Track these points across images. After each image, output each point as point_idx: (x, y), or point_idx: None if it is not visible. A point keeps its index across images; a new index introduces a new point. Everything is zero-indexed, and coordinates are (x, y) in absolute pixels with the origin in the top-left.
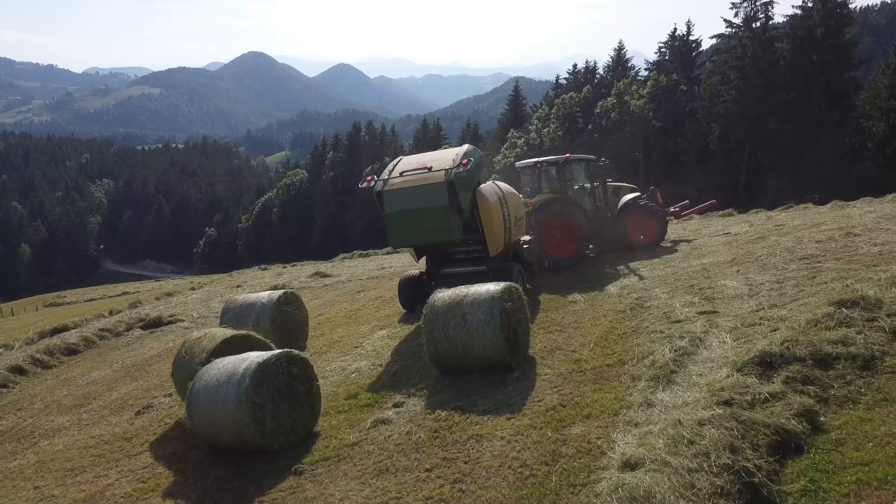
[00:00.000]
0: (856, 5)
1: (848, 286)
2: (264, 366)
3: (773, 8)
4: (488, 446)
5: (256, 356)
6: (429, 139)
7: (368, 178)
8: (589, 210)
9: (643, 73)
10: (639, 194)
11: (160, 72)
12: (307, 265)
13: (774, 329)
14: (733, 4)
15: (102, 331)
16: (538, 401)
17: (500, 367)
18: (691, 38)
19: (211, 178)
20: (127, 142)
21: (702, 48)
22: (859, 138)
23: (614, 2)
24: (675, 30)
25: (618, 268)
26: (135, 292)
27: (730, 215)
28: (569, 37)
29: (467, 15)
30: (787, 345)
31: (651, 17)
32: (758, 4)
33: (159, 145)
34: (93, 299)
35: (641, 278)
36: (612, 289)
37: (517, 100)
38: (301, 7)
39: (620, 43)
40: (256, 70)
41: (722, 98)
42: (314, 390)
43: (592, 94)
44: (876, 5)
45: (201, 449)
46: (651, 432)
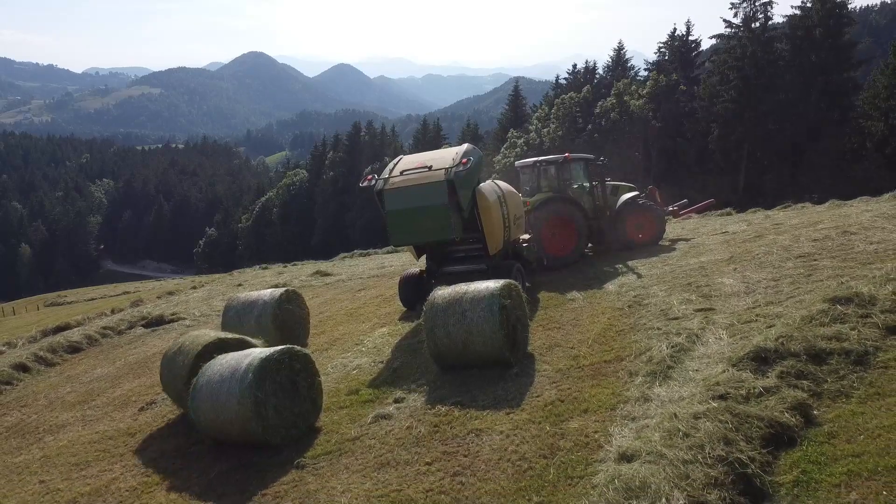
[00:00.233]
0: (855, 5)
1: (843, 283)
2: (267, 361)
3: (772, 8)
4: (488, 440)
5: (259, 352)
6: (429, 139)
7: (369, 176)
8: (588, 209)
9: (643, 73)
10: (637, 193)
11: (160, 72)
12: (308, 264)
13: (770, 325)
14: (732, 5)
15: (105, 329)
16: (537, 396)
17: (499, 364)
18: (691, 38)
19: (211, 178)
20: (127, 142)
21: (701, 48)
22: (858, 138)
23: (614, 2)
24: (675, 30)
25: (616, 266)
26: (135, 292)
27: (728, 214)
28: (569, 37)
29: (467, 15)
30: (781, 340)
31: (651, 18)
32: (757, 5)
33: (159, 145)
34: (93, 299)
35: (639, 276)
36: (611, 287)
37: (517, 100)
38: (301, 7)
39: (620, 43)
40: (256, 70)
41: (721, 98)
42: (316, 386)
43: (592, 94)
44: (876, 5)
45: (205, 444)
46: (647, 426)
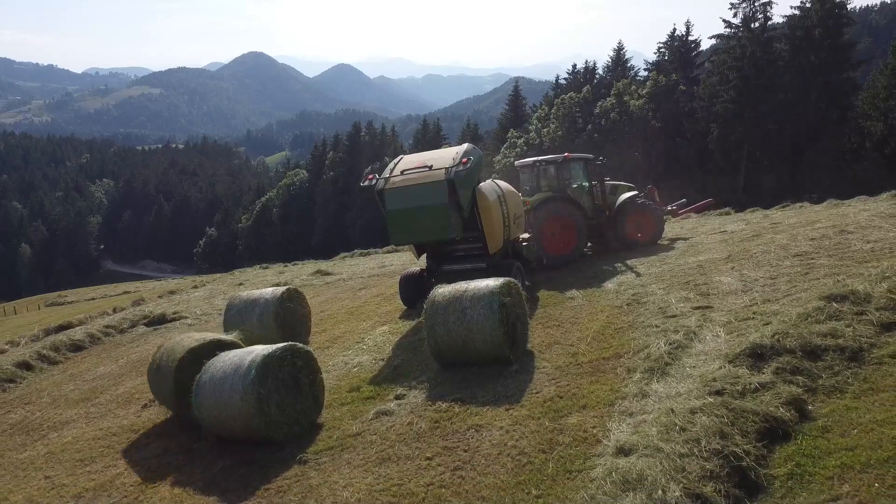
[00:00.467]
0: (855, 5)
1: (839, 281)
2: (270, 358)
3: (771, 8)
4: (487, 435)
5: (262, 349)
6: (429, 139)
7: (370, 176)
8: (587, 208)
9: (642, 73)
10: (636, 193)
11: (160, 72)
12: (308, 264)
13: (767, 323)
14: (732, 5)
15: (107, 327)
16: (536, 392)
17: (499, 361)
18: (690, 38)
19: (211, 178)
20: (127, 142)
21: (701, 48)
22: (858, 138)
23: (614, 2)
24: (675, 30)
25: (615, 265)
26: (136, 291)
27: (727, 214)
28: (569, 37)
29: (467, 15)
30: (777, 337)
31: (650, 18)
32: (756, 5)
33: (159, 145)
34: (94, 298)
35: (638, 275)
36: (610, 285)
37: (517, 100)
38: (301, 7)
39: (620, 43)
40: (256, 70)
41: (721, 98)
42: (318, 382)
43: (592, 95)
44: (875, 5)
45: (208, 440)
46: (645, 421)
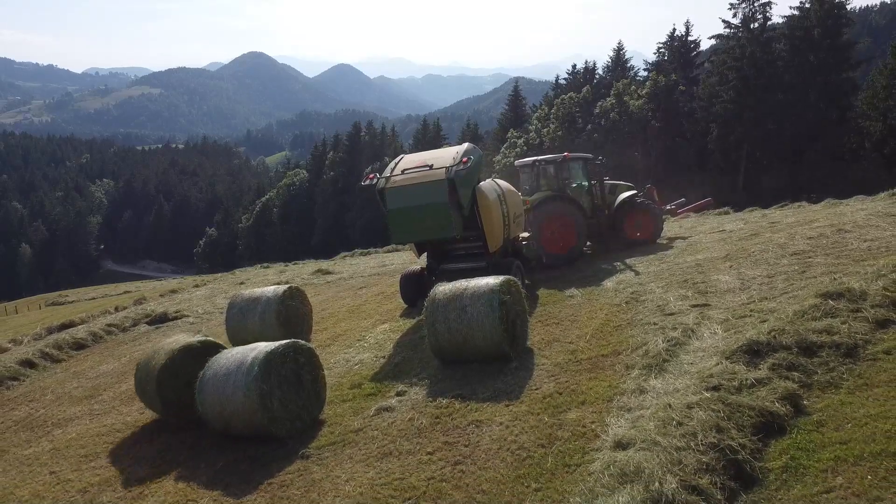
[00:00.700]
0: (855, 6)
1: (835, 279)
2: (272, 355)
3: (770, 9)
4: (487, 431)
5: (265, 346)
6: (429, 139)
7: (371, 175)
8: (586, 208)
9: (642, 73)
10: (635, 192)
11: (160, 72)
12: (309, 263)
13: (764, 320)
14: (732, 5)
15: (109, 326)
16: (535, 389)
17: (499, 358)
18: (690, 38)
19: (211, 178)
20: (127, 142)
21: (700, 49)
22: (857, 138)
23: (614, 2)
24: (674, 30)
25: (614, 264)
26: (136, 291)
27: (725, 213)
28: (569, 37)
29: (467, 15)
30: (773, 334)
31: (650, 18)
32: (756, 5)
33: (159, 145)
34: (94, 298)
35: (637, 273)
36: (609, 283)
37: (517, 100)
38: (301, 7)
39: (620, 43)
40: (256, 70)
41: (720, 98)
42: (320, 379)
43: (592, 95)
44: (875, 6)
45: (211, 436)
46: (643, 416)
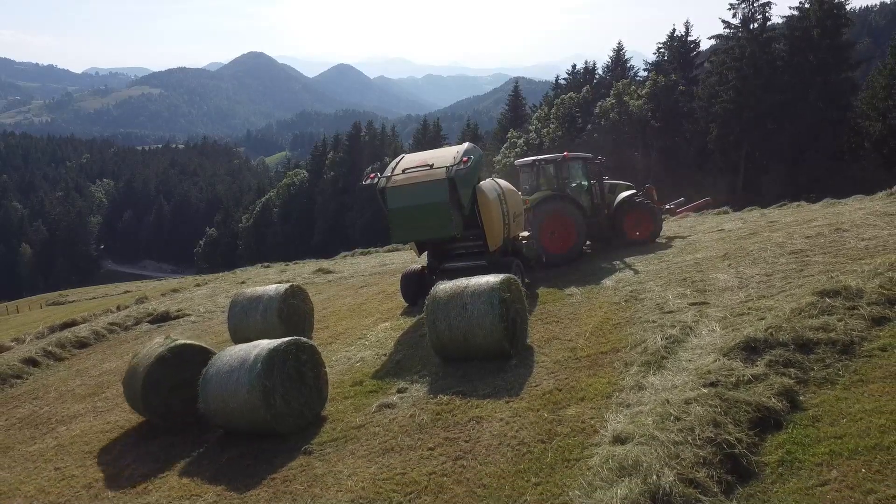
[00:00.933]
0: (855, 6)
1: (832, 278)
2: (275, 352)
3: (770, 9)
4: (488, 427)
5: (267, 343)
6: (429, 139)
7: (372, 174)
8: (586, 207)
9: (642, 73)
10: (635, 192)
11: (160, 72)
12: (310, 262)
13: (761, 318)
14: (731, 5)
15: (112, 325)
16: (535, 385)
17: (499, 355)
18: (690, 38)
19: (211, 178)
20: (127, 142)
21: (700, 49)
22: (856, 138)
23: (614, 2)
24: (674, 31)
25: (613, 263)
26: (137, 291)
27: (724, 213)
28: (569, 37)
29: (467, 15)
30: (771, 331)
31: (650, 18)
32: (755, 6)
33: (159, 146)
34: (95, 298)
35: (636, 272)
36: (608, 282)
37: (517, 100)
38: (301, 7)
39: (619, 43)
40: (256, 70)
41: (720, 98)
42: (322, 376)
43: (591, 95)
44: (875, 6)
45: (214, 432)
46: (641, 412)
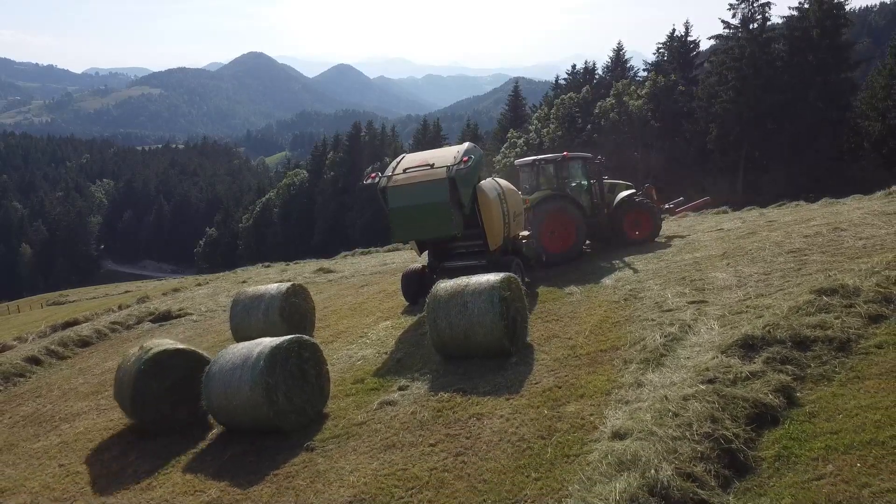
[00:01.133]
0: (854, 6)
1: (830, 276)
2: (277, 350)
3: (770, 9)
4: (488, 423)
5: (270, 341)
6: (429, 139)
7: (373, 174)
8: (586, 206)
9: (642, 73)
10: (634, 191)
11: (160, 72)
12: (310, 262)
13: (759, 316)
14: (731, 6)
15: (114, 324)
16: (535, 383)
17: (499, 353)
18: (689, 39)
19: (211, 178)
20: (127, 142)
21: (700, 49)
22: (856, 138)
23: (614, 2)
24: (674, 31)
25: (613, 262)
26: (137, 290)
27: (724, 213)
28: (569, 37)
29: (467, 15)
30: (768, 329)
31: (650, 18)
32: (755, 6)
33: (159, 146)
34: (95, 298)
35: (635, 271)
36: (608, 281)
37: (517, 100)
38: (301, 7)
39: (619, 44)
40: (256, 70)
41: (719, 98)
42: (324, 373)
43: (591, 95)
44: (875, 6)
45: (217, 429)
46: (640, 408)
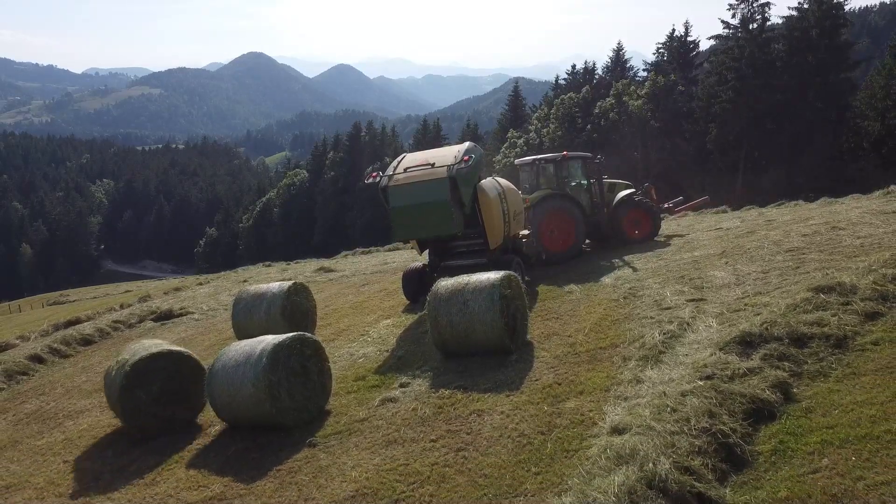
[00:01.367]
0: (854, 6)
1: (827, 274)
2: (279, 347)
3: (769, 9)
4: (489, 419)
5: (272, 339)
6: (429, 139)
7: (374, 174)
8: (585, 206)
9: (642, 73)
10: (633, 191)
11: (160, 72)
12: (311, 262)
13: (757, 314)
14: (730, 6)
15: (116, 322)
16: (535, 380)
17: (499, 351)
18: (689, 39)
19: (211, 178)
20: (127, 142)
21: (699, 49)
22: (855, 138)
23: (614, 2)
24: (674, 31)
25: (612, 261)
26: (138, 290)
27: (723, 212)
28: (568, 37)
29: (467, 15)
30: (766, 326)
31: (650, 18)
32: (754, 6)
33: (159, 146)
34: (96, 297)
35: (635, 270)
36: (607, 280)
37: (517, 100)
38: (301, 7)
39: (619, 44)
40: (256, 70)
41: (719, 98)
42: (325, 370)
43: (591, 95)
44: (875, 6)
45: (221, 426)
46: (639, 404)
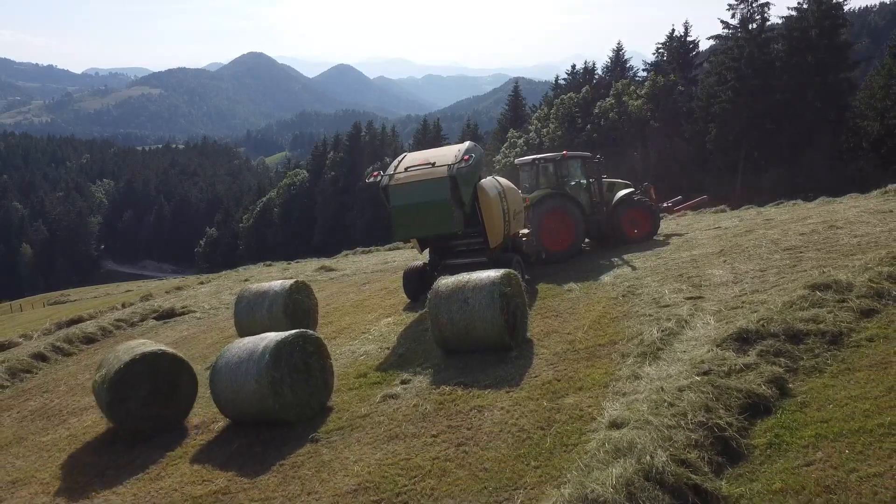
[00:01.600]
0: (854, 6)
1: (824, 272)
2: (282, 344)
3: (768, 9)
4: (489, 415)
5: (275, 335)
6: (429, 139)
7: (375, 173)
8: (585, 205)
9: (641, 73)
10: (633, 190)
11: (160, 72)
12: (312, 261)
13: (754, 311)
14: (730, 6)
15: (118, 321)
16: (535, 376)
17: (499, 348)
18: (689, 39)
19: (211, 178)
20: (127, 142)
21: (699, 49)
22: (855, 138)
23: (614, 2)
24: (673, 31)
25: (612, 259)
26: (138, 290)
27: (722, 211)
28: (568, 37)
29: (467, 15)
30: (762, 322)
31: (650, 18)
32: (754, 6)
33: (159, 146)
34: (96, 297)
35: (634, 268)
36: (606, 278)
37: (517, 100)
38: (301, 7)
39: (619, 44)
40: (256, 70)
41: (719, 98)
42: (327, 367)
43: (591, 95)
44: (874, 6)
45: (224, 422)
46: (637, 399)
